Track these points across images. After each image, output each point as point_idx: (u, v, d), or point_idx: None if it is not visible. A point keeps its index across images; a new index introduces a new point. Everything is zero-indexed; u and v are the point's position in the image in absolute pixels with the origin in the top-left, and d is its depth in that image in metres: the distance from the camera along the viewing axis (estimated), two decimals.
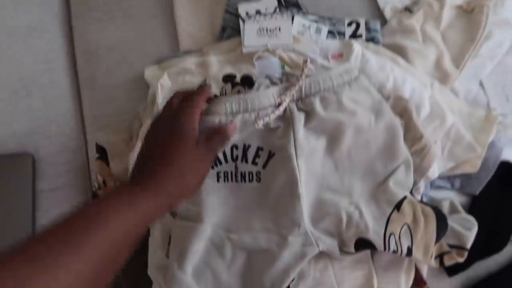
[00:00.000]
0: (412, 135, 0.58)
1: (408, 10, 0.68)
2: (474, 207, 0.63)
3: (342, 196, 0.53)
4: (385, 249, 0.50)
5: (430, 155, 0.57)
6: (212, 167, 0.53)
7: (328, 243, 0.51)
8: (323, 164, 0.53)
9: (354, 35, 0.66)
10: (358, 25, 0.66)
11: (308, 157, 0.52)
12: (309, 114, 0.53)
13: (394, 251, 0.50)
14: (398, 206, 0.52)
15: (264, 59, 0.62)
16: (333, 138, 0.53)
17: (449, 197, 0.63)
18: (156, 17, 0.72)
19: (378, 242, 0.50)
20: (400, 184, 0.53)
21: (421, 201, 0.55)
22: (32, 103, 0.71)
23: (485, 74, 0.67)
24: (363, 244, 0.51)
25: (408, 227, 0.51)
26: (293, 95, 0.53)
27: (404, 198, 0.52)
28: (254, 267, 0.51)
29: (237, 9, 0.66)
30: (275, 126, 0.53)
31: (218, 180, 0.53)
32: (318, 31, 0.65)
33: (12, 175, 0.67)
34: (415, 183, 0.58)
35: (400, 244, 0.50)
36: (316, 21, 0.66)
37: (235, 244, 0.51)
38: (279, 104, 0.52)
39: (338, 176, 0.53)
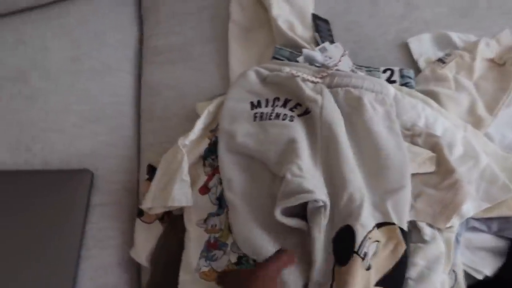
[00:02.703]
0: (444, 170, 0.60)
1: (441, 61, 0.73)
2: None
3: (355, 176, 0.56)
4: (360, 246, 0.51)
5: (463, 190, 0.58)
6: (251, 109, 0.62)
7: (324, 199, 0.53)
8: (344, 138, 0.58)
9: (389, 81, 0.71)
10: (392, 72, 0.72)
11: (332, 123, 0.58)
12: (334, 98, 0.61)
13: (365, 254, 0.51)
14: (382, 225, 0.54)
15: (310, 51, 0.71)
16: (349, 124, 0.59)
17: (487, 240, 0.62)
18: (212, 60, 0.82)
19: (360, 234, 0.51)
20: (396, 208, 0.55)
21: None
22: (98, 128, 0.81)
23: None
24: (343, 234, 0.53)
25: (377, 244, 0.52)
26: (325, 77, 0.62)
27: (392, 224, 0.54)
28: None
29: (282, 55, 0.75)
30: (309, 94, 0.60)
31: (254, 119, 0.62)
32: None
33: (72, 187, 0.75)
34: (447, 219, 0.58)
35: (368, 251, 0.51)
36: (353, 67, 0.73)
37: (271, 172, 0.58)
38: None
39: (355, 159, 0.57)
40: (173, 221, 0.69)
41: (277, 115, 0.61)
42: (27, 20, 0.92)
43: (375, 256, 0.52)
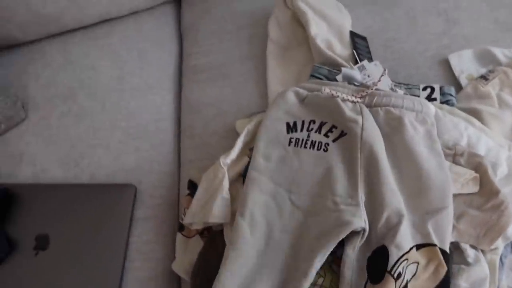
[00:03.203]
0: (488, 190, 0.59)
1: (484, 78, 0.72)
2: None
3: (395, 198, 0.56)
4: (393, 267, 0.51)
5: (508, 212, 0.57)
6: (287, 132, 0.63)
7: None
8: (384, 159, 0.58)
9: (429, 99, 0.71)
10: (433, 90, 0.71)
11: (373, 144, 0.58)
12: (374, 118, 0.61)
13: (398, 274, 0.50)
14: (422, 246, 0.53)
15: (349, 69, 0.72)
16: (389, 144, 0.59)
17: None
18: (250, 78, 0.84)
19: (394, 255, 0.51)
20: (437, 229, 0.54)
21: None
22: (141, 144, 0.84)
23: None
24: (378, 254, 0.53)
25: (417, 266, 0.52)
26: (365, 97, 0.63)
27: (433, 245, 0.53)
28: (307, 229, 0.55)
29: (321, 73, 0.76)
30: (349, 115, 0.61)
31: (289, 144, 0.62)
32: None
33: (117, 201, 0.78)
34: (492, 242, 0.57)
35: (404, 273, 0.51)
36: (392, 85, 0.73)
37: (295, 204, 0.58)
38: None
39: (396, 180, 0.57)
40: (213, 237, 0.70)
41: (312, 144, 0.61)
42: (74, 41, 0.97)
43: (414, 278, 0.52)
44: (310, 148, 0.61)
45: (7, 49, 0.98)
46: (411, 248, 0.53)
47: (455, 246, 0.58)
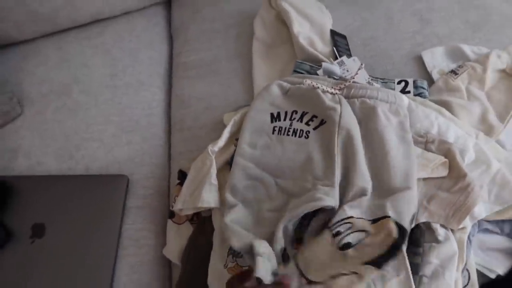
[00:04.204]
0: (456, 174, 0.64)
1: (454, 72, 0.77)
2: None
3: (364, 178, 0.61)
4: (334, 224, 0.57)
5: (474, 193, 0.61)
6: (271, 121, 0.68)
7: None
8: (359, 143, 0.63)
9: (403, 92, 0.76)
10: (407, 83, 0.76)
11: (349, 130, 0.63)
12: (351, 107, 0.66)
13: (337, 232, 0.56)
14: (377, 220, 0.58)
15: (329, 64, 0.77)
16: (363, 131, 0.64)
17: (500, 242, 0.65)
18: (237, 75, 0.89)
19: (337, 216, 0.58)
20: (396, 206, 0.58)
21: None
22: (133, 138, 0.88)
23: None
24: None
25: (365, 234, 0.56)
26: (343, 89, 0.68)
27: (387, 217, 0.57)
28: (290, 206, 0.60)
29: (303, 69, 0.80)
30: (328, 104, 0.66)
31: (273, 133, 0.67)
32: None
33: (110, 191, 0.81)
34: (460, 221, 0.62)
35: (346, 234, 0.56)
36: (369, 79, 0.78)
37: (280, 187, 0.63)
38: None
39: (366, 161, 0.62)
40: (202, 222, 0.74)
41: (294, 131, 0.66)
42: (69, 39, 1.01)
43: (360, 244, 0.56)
44: (292, 135, 0.66)
45: (2, 47, 1.01)
46: (359, 218, 0.57)
47: (426, 225, 0.62)
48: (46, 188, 0.84)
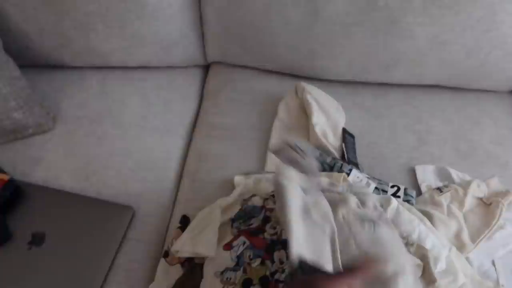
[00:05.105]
0: (427, 278, 0.72)
1: (439, 189, 0.89)
2: None
3: None
4: None
5: None
6: None
7: None
8: None
9: (394, 195, 0.86)
10: (398, 189, 0.87)
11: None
12: None
13: None
14: None
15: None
16: None
17: None
18: (254, 144, 0.99)
19: None
20: None
21: None
22: (147, 175, 0.96)
23: (498, 256, 0.81)
24: None
25: None
26: None
27: None
28: None
29: (313, 153, 0.91)
30: None
31: None
32: (367, 184, 0.87)
33: (115, 218, 0.88)
34: None
35: None
36: (368, 178, 0.89)
37: None
38: None
39: None
40: (192, 268, 0.80)
41: None
42: (114, 76, 1.12)
43: None
44: None
45: (52, 68, 1.12)
46: None
47: None
48: (56, 201, 0.90)
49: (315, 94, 1.00)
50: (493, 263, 0.81)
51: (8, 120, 0.94)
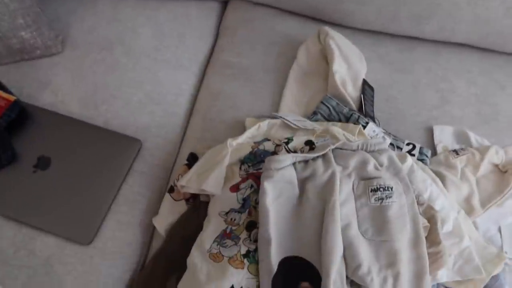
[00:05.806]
0: (432, 239, 0.71)
1: (456, 152, 0.86)
2: None
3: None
4: None
5: (442, 260, 0.69)
6: None
7: None
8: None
9: (409, 153, 0.84)
10: (414, 147, 0.84)
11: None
12: None
13: None
14: None
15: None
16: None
17: None
18: (268, 88, 0.96)
19: None
20: None
21: None
22: (156, 109, 0.93)
23: (505, 223, 0.80)
24: None
25: None
26: None
27: None
28: None
29: (330, 104, 0.88)
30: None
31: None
32: (383, 139, 0.85)
33: (122, 149, 0.86)
34: None
35: None
36: (384, 132, 0.86)
37: None
38: None
39: None
40: (197, 205, 0.80)
41: None
42: (127, 3, 1.06)
43: None
44: None
45: None
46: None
47: None
48: (63, 127, 0.88)
49: (338, 40, 0.94)
50: (499, 230, 0.80)
51: (15, 38, 0.90)
